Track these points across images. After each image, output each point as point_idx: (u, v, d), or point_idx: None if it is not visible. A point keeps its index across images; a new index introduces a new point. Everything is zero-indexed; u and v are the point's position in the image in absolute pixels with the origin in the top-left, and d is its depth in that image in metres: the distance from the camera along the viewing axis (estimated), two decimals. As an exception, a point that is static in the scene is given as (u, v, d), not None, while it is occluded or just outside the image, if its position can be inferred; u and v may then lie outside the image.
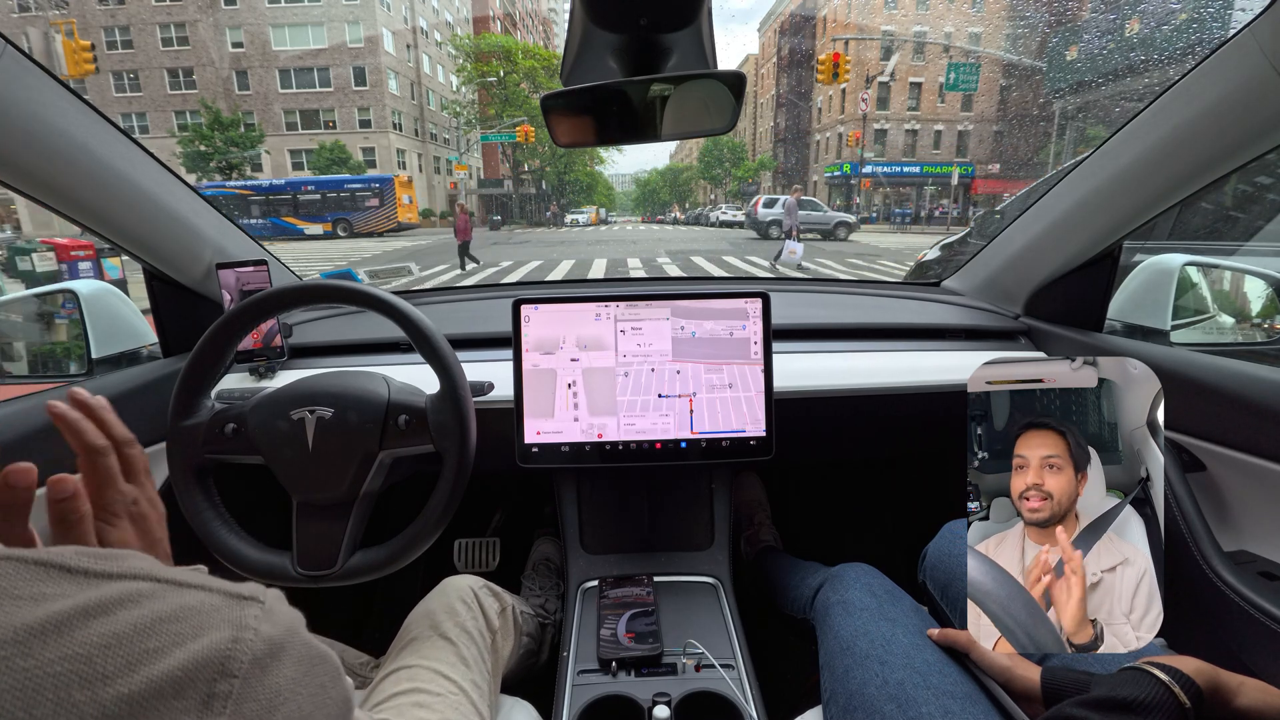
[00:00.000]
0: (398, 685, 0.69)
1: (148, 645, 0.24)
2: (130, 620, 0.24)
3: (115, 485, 0.45)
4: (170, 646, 0.24)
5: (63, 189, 0.80)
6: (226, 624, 0.26)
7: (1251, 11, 0.64)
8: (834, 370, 1.08)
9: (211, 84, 28.95)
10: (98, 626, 0.23)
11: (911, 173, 32.59)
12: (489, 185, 40.39)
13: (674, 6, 0.59)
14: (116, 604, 0.24)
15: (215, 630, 0.26)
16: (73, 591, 0.24)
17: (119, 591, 0.25)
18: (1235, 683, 0.50)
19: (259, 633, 0.27)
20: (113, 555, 0.27)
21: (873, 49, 33.13)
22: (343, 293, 0.81)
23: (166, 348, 1.09)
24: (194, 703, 0.24)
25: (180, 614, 0.26)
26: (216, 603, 0.27)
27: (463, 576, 0.89)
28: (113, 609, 0.24)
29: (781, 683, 1.24)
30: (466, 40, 33.27)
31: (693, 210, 48.36)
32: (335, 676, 0.32)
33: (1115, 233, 0.95)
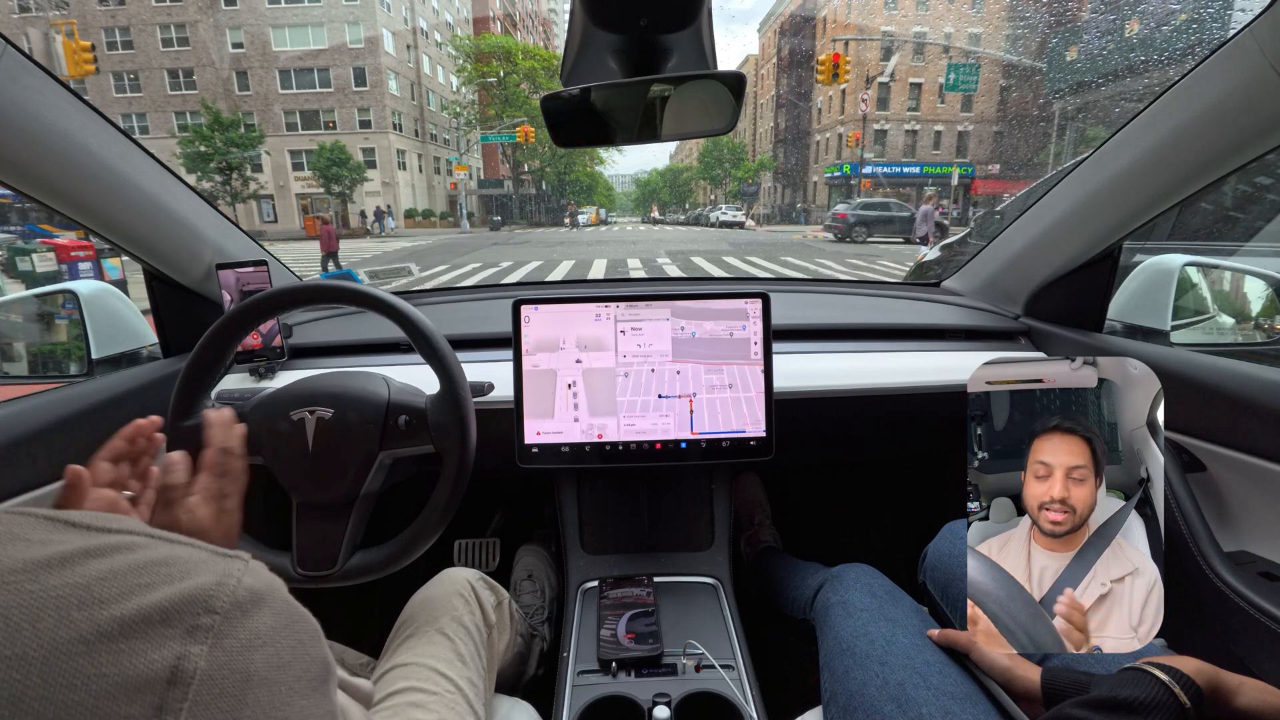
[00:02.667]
0: (394, 684, 0.69)
1: (140, 580, 0.27)
2: (126, 561, 0.27)
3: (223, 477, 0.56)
4: (160, 583, 0.27)
5: (63, 189, 0.80)
6: (212, 571, 0.29)
7: (1251, 12, 0.64)
8: (834, 371, 1.08)
9: (212, 84, 28.96)
10: (97, 564, 0.26)
11: (911, 173, 32.60)
12: (489, 185, 40.43)
13: (674, 7, 0.59)
14: (114, 549, 0.28)
15: (202, 574, 0.29)
16: (76, 539, 0.28)
17: (117, 541, 0.28)
18: (1235, 683, 0.50)
19: (241, 581, 0.30)
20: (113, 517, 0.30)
21: (873, 49, 33.14)
22: (343, 293, 0.81)
23: (166, 348, 1.09)
24: (179, 630, 0.26)
25: (170, 559, 0.29)
26: (203, 556, 0.30)
27: (460, 569, 0.89)
28: (110, 552, 0.27)
29: (781, 683, 1.24)
30: (466, 41, 33.34)
31: (693, 210, 48.40)
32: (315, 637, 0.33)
33: (1115, 233, 0.96)
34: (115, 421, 0.88)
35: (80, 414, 0.83)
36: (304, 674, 0.31)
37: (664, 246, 16.24)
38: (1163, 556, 0.60)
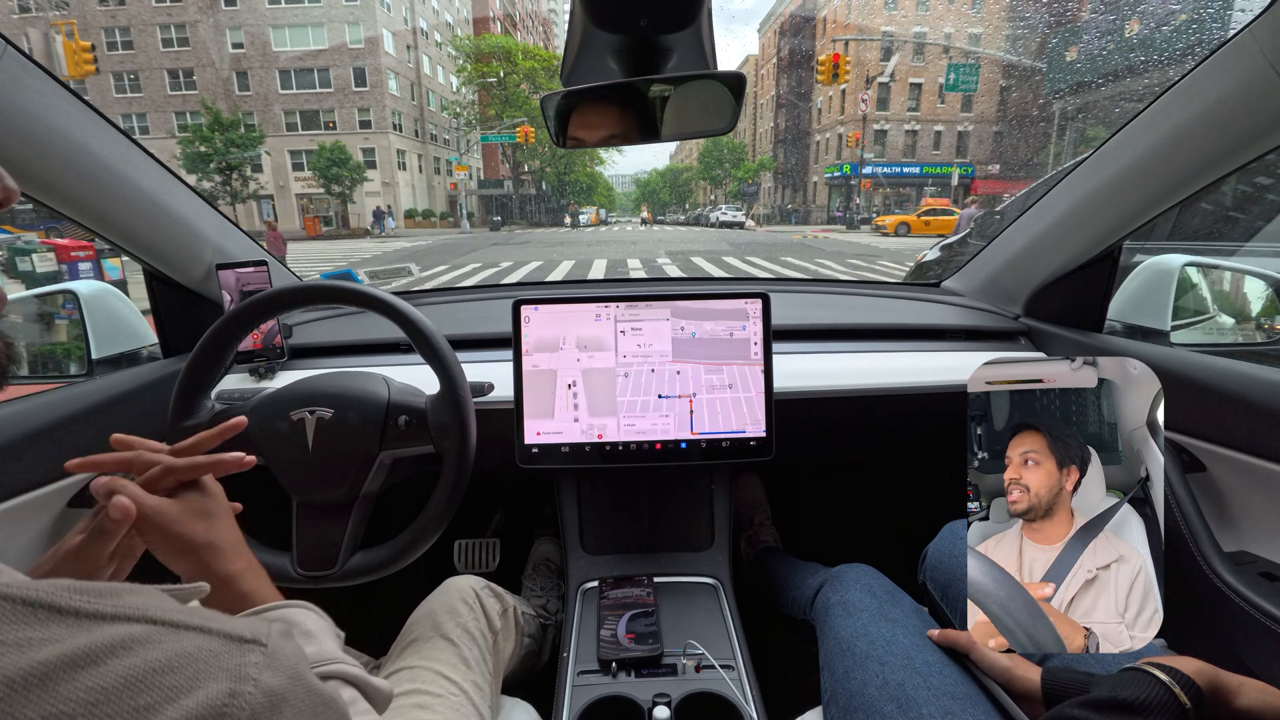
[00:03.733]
0: (399, 686, 0.69)
1: (138, 701, 0.22)
2: (121, 672, 0.22)
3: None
4: (163, 703, 0.23)
5: (63, 189, 0.80)
6: (224, 674, 0.25)
7: (1251, 12, 0.64)
8: (834, 371, 1.08)
9: (212, 85, 28.97)
10: (85, 679, 0.22)
11: (911, 173, 32.63)
12: (489, 186, 40.45)
13: (674, 7, 0.59)
14: (107, 652, 0.23)
15: (212, 681, 0.24)
16: (61, 635, 0.22)
17: (110, 637, 0.23)
18: (1235, 683, 0.50)
19: (259, 684, 0.26)
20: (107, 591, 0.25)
21: (873, 50, 33.15)
22: (343, 293, 0.81)
23: (166, 348, 1.09)
24: None
25: (175, 663, 0.24)
26: (215, 648, 0.26)
27: (464, 577, 0.89)
28: (103, 658, 0.22)
29: (781, 683, 1.24)
30: (466, 41, 33.36)
31: (692, 211, 48.40)
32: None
33: (1115, 233, 0.96)
34: (115, 421, 0.89)
35: (80, 414, 0.83)
36: None
37: (664, 246, 16.24)
38: (1162, 556, 0.60)
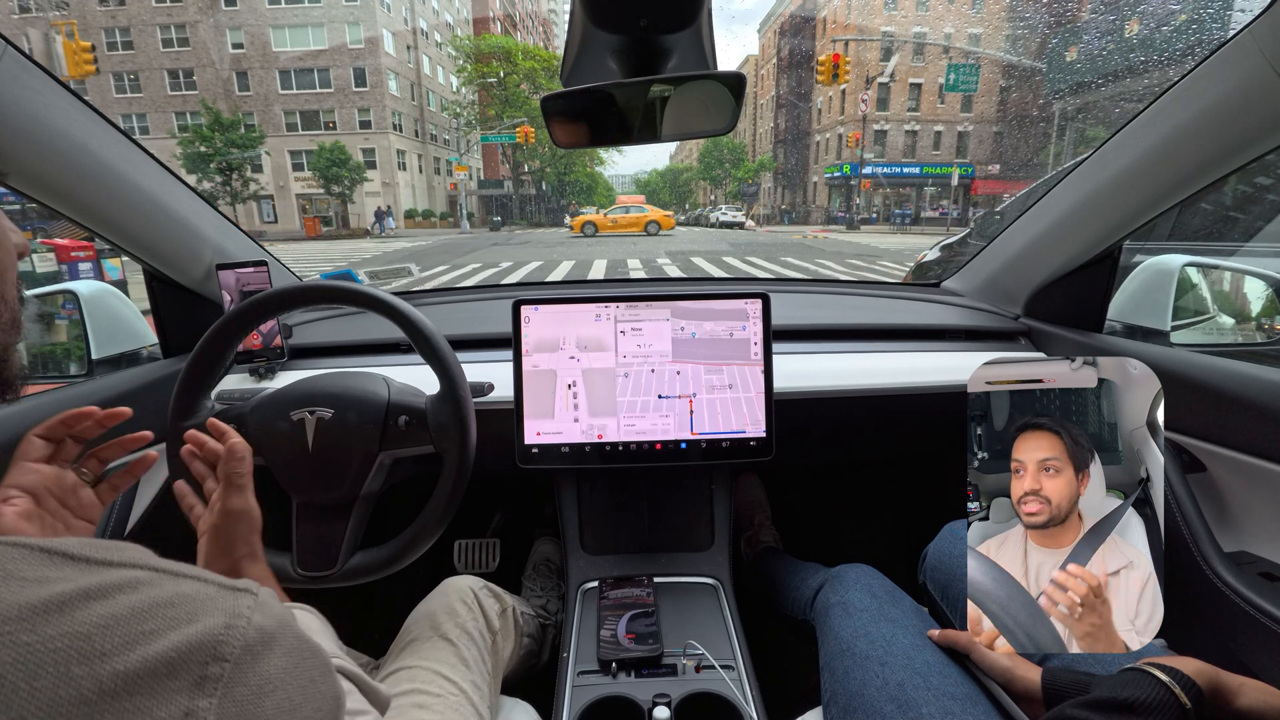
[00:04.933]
0: (398, 686, 0.69)
1: (144, 627, 0.25)
2: (128, 604, 0.25)
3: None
4: (165, 629, 0.25)
5: (63, 190, 0.80)
6: (220, 611, 0.27)
7: (1251, 12, 0.64)
8: (834, 371, 1.08)
9: (212, 85, 28.97)
10: (97, 608, 0.24)
11: (911, 173, 32.62)
12: (489, 186, 40.45)
13: (674, 7, 0.59)
14: (115, 589, 0.25)
15: (209, 616, 0.27)
16: (75, 576, 0.25)
17: (118, 578, 0.26)
18: (1236, 683, 0.50)
19: (251, 621, 0.28)
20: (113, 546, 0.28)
21: (872, 50, 33.16)
22: (343, 293, 0.81)
23: (166, 348, 1.09)
24: (186, 683, 0.25)
25: (176, 600, 0.27)
26: (211, 592, 0.28)
27: (463, 577, 0.89)
28: (112, 593, 0.25)
29: (782, 684, 1.24)
30: (466, 41, 33.36)
31: (692, 211, 48.42)
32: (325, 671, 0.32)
33: (1115, 233, 0.96)
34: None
35: None
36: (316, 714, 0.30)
37: (664, 246, 16.24)
38: (1162, 556, 0.60)
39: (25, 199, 0.77)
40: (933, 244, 4.33)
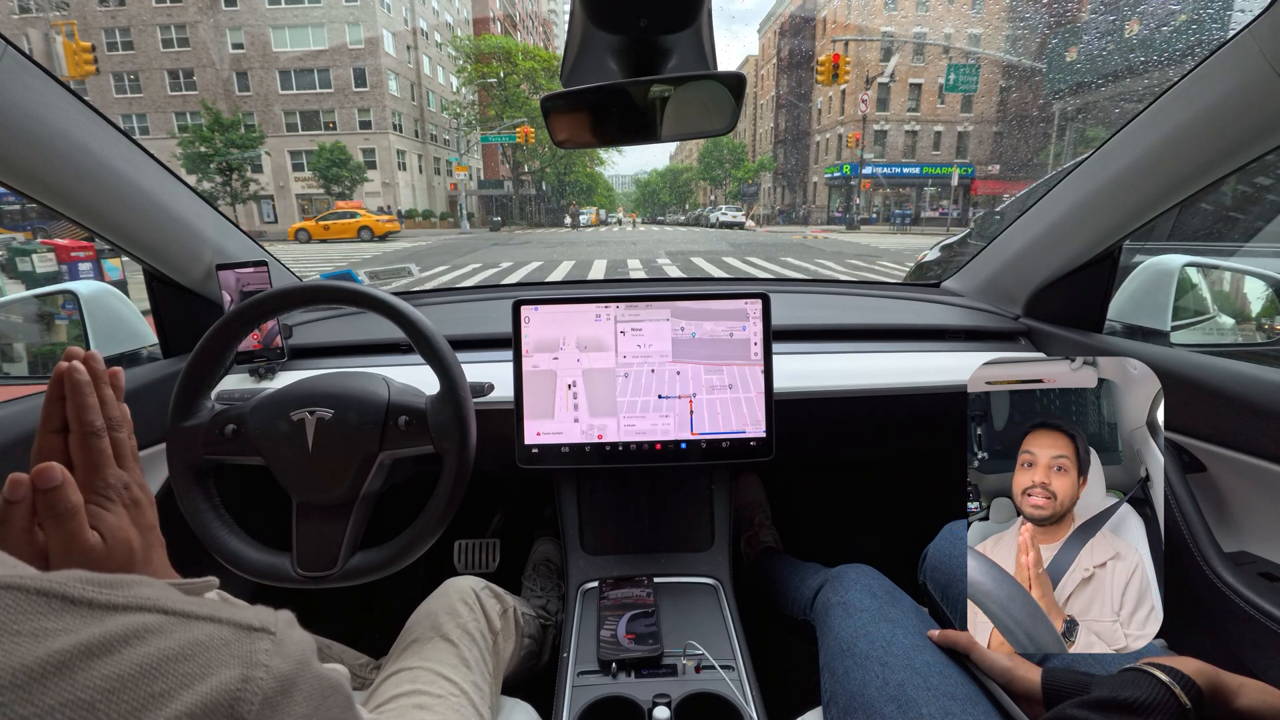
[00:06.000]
0: (399, 687, 0.69)
1: (154, 688, 0.23)
2: (136, 660, 0.23)
3: (109, 469, 0.44)
4: (178, 689, 0.23)
5: (63, 190, 0.80)
6: (236, 661, 0.26)
7: (1251, 12, 0.64)
8: (834, 371, 1.08)
9: (212, 85, 28.97)
10: (101, 668, 0.22)
11: (911, 174, 32.63)
12: (489, 186, 40.45)
13: (674, 8, 0.59)
14: (121, 641, 0.23)
15: (224, 668, 0.25)
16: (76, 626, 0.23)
17: (124, 626, 0.24)
18: (1236, 684, 0.50)
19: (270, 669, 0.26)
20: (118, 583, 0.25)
21: (872, 50, 33.17)
22: (343, 294, 0.81)
23: (166, 349, 1.09)
24: None
25: (188, 651, 0.25)
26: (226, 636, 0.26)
27: (464, 578, 0.89)
28: (117, 647, 0.23)
29: (782, 684, 1.24)
30: (466, 41, 33.36)
31: (692, 211, 48.43)
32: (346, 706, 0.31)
33: (1115, 234, 0.96)
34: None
35: None
36: None
37: (664, 247, 16.24)
38: (1162, 556, 0.60)
39: (25, 199, 0.77)
40: (933, 244, 4.33)
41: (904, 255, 12.36)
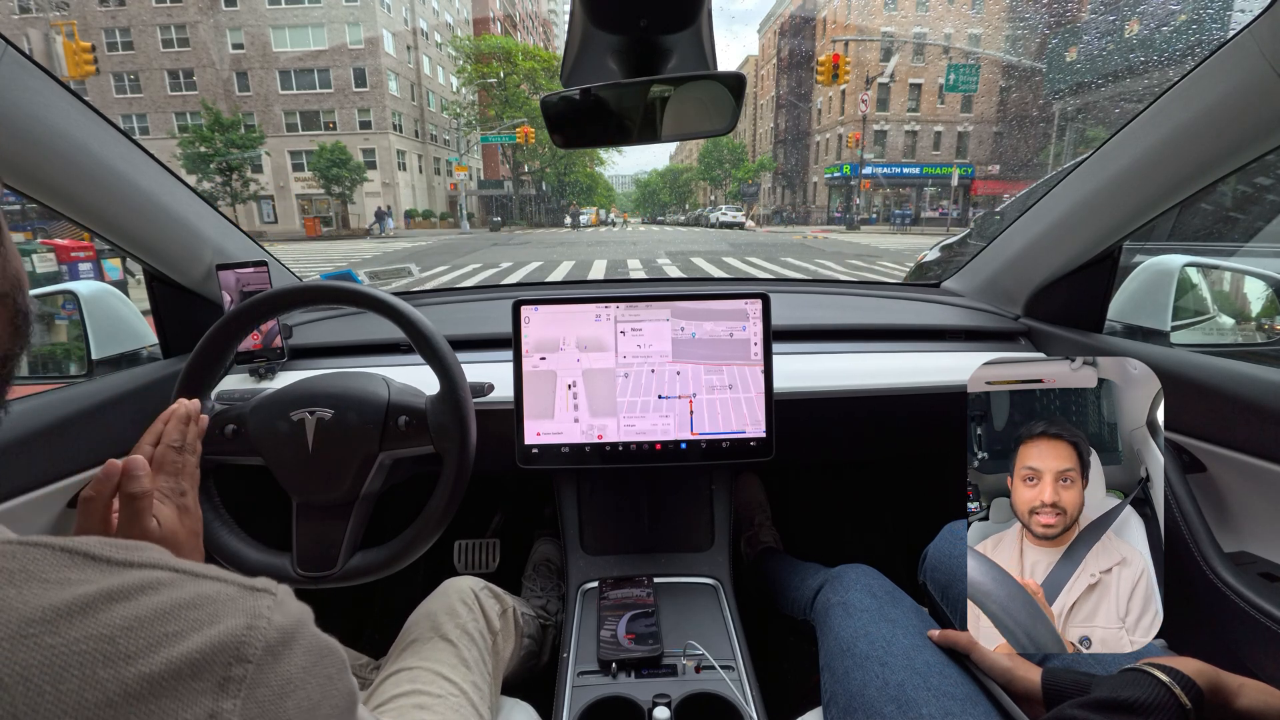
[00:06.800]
0: (398, 687, 0.69)
1: (167, 629, 0.25)
2: (151, 605, 0.25)
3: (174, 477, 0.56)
4: (189, 631, 0.25)
5: (63, 190, 0.80)
6: (241, 612, 0.27)
7: (1251, 13, 0.64)
8: (834, 371, 1.08)
9: (212, 85, 28.97)
10: (120, 610, 0.24)
11: (911, 174, 32.65)
12: (489, 186, 40.48)
13: (674, 8, 0.60)
14: (138, 590, 0.26)
15: (231, 617, 0.27)
16: (96, 577, 0.25)
17: (139, 579, 0.26)
18: (1236, 684, 0.50)
19: (272, 621, 0.28)
20: (133, 546, 0.28)
21: (872, 50, 33.18)
22: (343, 294, 0.81)
23: (166, 349, 1.09)
24: (210, 684, 0.25)
25: (197, 601, 0.27)
26: (231, 593, 0.28)
27: (464, 578, 0.89)
28: (134, 594, 0.25)
29: (782, 684, 1.24)
30: (466, 41, 33.39)
31: (692, 211, 48.45)
32: (341, 668, 0.33)
33: (1115, 234, 0.96)
34: (115, 422, 0.89)
35: (80, 414, 0.83)
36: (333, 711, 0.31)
37: (664, 247, 16.25)
38: (1162, 556, 0.60)
39: (25, 199, 0.77)
40: (933, 244, 4.33)
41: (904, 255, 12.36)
